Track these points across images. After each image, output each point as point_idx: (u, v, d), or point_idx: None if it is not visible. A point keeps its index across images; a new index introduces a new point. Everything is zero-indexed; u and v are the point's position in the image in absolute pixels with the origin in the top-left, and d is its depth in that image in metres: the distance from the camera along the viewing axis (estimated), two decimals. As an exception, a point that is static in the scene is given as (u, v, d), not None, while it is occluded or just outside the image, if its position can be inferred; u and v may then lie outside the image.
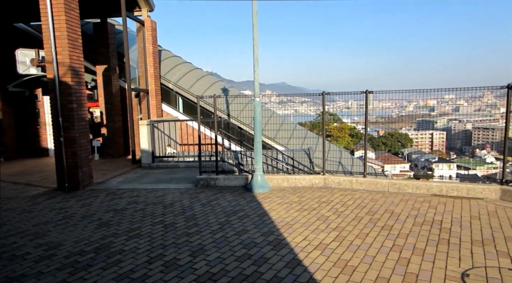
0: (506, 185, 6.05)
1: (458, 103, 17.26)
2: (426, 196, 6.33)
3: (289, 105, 14.60)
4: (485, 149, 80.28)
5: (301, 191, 6.89)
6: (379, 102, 8.14)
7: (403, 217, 5.16)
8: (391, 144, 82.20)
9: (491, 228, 4.62)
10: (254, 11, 6.39)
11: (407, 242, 4.23)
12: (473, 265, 3.59)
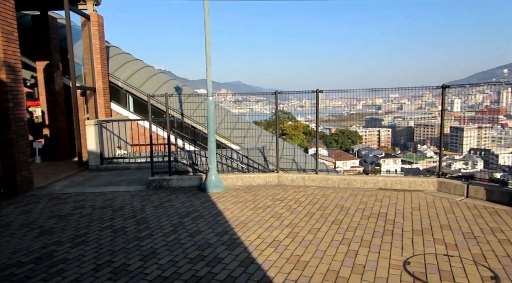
0: (442, 177, 6.57)
1: (402, 102, 18.33)
2: (373, 190, 6.68)
3: (245, 104, 14.66)
4: (425, 145, 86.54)
5: (256, 189, 6.95)
6: (331, 101, 8.43)
7: (352, 211, 5.40)
8: (342, 141, 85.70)
9: (429, 218, 4.99)
10: (206, 9, 6.32)
11: (356, 235, 4.43)
12: (413, 253, 3.84)
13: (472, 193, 5.97)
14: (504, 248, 3.88)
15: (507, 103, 14.59)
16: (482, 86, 12.14)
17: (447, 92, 6.89)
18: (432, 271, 3.41)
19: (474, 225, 4.65)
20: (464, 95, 19.82)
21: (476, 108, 58.03)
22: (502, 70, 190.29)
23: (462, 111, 74.82)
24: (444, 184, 6.37)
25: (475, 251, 3.85)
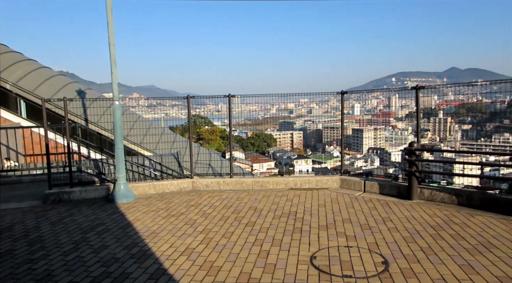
0: (344, 175, 7.22)
1: (311, 106, 19.59)
2: (285, 190, 7.01)
3: (159, 109, 14.12)
4: (332, 145, 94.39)
5: (169, 196, 6.72)
6: (247, 105, 8.62)
7: (265, 212, 5.58)
8: (258, 144, 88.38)
9: (333, 213, 5.43)
10: (109, 7, 5.92)
11: (268, 235, 4.59)
12: (319, 247, 4.13)
13: (368, 188, 6.67)
14: (393, 235, 4.41)
15: (395, 107, 16.48)
16: (376, 92, 13.71)
17: (348, 97, 7.61)
18: (334, 263, 3.70)
19: (369, 217, 5.19)
20: (363, 100, 22.05)
21: (372, 111, 65.31)
22: (391, 78, 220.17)
23: (361, 114, 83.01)
24: (345, 181, 7.00)
25: (370, 240, 4.30)
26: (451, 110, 21.46)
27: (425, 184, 6.20)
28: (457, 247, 3.97)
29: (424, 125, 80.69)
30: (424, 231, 4.52)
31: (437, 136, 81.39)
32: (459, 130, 70.72)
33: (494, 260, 3.60)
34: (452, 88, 11.59)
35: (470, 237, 4.25)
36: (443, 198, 5.75)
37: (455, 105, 17.34)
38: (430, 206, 5.55)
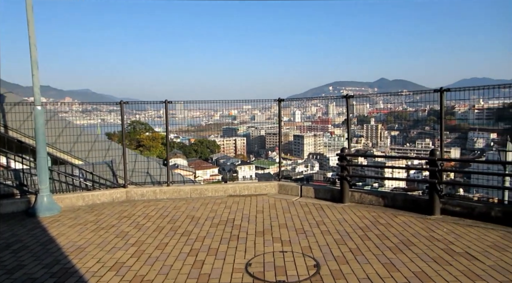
0: (282, 181, 7.38)
1: (254, 112, 19.67)
2: (224, 197, 6.96)
3: (95, 114, 13.24)
4: (275, 151, 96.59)
5: (100, 208, 6.30)
6: (190, 111, 8.43)
7: (202, 220, 5.48)
8: (201, 150, 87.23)
9: (270, 219, 5.50)
10: (29, 4, 5.42)
11: (204, 244, 4.49)
12: (255, 254, 4.14)
13: (305, 192, 6.90)
14: (325, 238, 4.59)
15: (333, 115, 17.32)
16: (315, 99, 14.29)
17: (289, 104, 7.84)
18: (269, 269, 3.73)
19: (304, 221, 5.35)
20: (303, 108, 22.69)
21: (312, 118, 68.21)
22: (328, 87, 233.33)
23: (302, 121, 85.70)
24: (283, 187, 7.16)
25: (304, 244, 4.43)
26: (381, 118, 23.00)
27: (356, 187, 6.58)
28: (382, 246, 4.25)
29: (359, 131, 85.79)
30: (354, 232, 4.78)
31: (370, 142, 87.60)
32: (388, 136, 76.93)
33: (412, 257, 3.91)
34: (382, 97, 12.51)
35: (393, 236, 4.58)
36: (371, 200, 6.15)
37: (385, 113, 18.67)
38: (360, 209, 5.89)
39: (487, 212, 5.01)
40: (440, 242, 4.30)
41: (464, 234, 4.54)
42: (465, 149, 54.40)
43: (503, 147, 21.43)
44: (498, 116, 20.71)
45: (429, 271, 3.54)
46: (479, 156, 37.81)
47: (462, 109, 20.92)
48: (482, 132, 40.56)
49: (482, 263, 3.69)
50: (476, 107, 21.01)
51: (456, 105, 15.74)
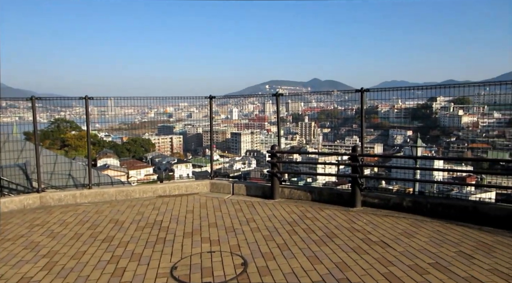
0: (214, 179, 7.29)
1: (190, 110, 19.25)
2: (152, 198, 6.65)
3: (11, 111, 11.76)
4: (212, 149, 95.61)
5: (7, 217, 5.59)
6: (122, 109, 7.89)
7: (127, 224, 5.16)
8: (135, 149, 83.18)
9: (200, 219, 5.38)
10: None
11: (127, 249, 4.22)
12: (182, 256, 4.00)
13: (237, 190, 6.89)
14: (254, 235, 4.61)
15: (269, 112, 17.58)
16: (252, 97, 14.33)
17: (226, 102, 7.75)
18: (195, 271, 3.63)
19: (235, 219, 5.33)
20: (240, 105, 22.74)
21: (249, 116, 68.82)
22: (265, 86, 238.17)
23: (239, 118, 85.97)
24: (215, 185, 7.07)
25: (233, 242, 4.39)
26: (314, 116, 24.13)
27: (285, 183, 6.74)
28: (307, 240, 4.39)
29: (294, 129, 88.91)
30: (282, 228, 4.87)
31: (304, 139, 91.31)
32: (321, 133, 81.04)
33: (335, 248, 4.10)
34: (314, 96, 13.00)
35: (318, 229, 4.76)
36: (300, 195, 6.35)
37: (317, 112, 19.59)
38: (289, 204, 6.05)
39: (400, 203, 5.48)
40: (359, 233, 4.57)
41: (380, 224, 4.89)
42: (387, 145, 59.62)
43: (416, 143, 23.64)
44: (413, 115, 22.74)
45: (348, 261, 3.74)
46: (398, 151, 41.69)
47: (384, 108, 22.74)
48: (400, 129, 44.85)
49: (394, 249, 4.00)
50: (395, 107, 22.96)
51: (379, 105, 17.04)
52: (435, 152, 30.45)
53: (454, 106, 21.10)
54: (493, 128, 32.80)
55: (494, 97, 14.09)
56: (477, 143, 32.90)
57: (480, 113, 26.91)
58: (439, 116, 35.74)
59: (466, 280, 3.28)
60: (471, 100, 18.78)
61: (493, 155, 22.29)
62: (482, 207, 4.91)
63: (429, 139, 32.45)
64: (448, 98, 19.91)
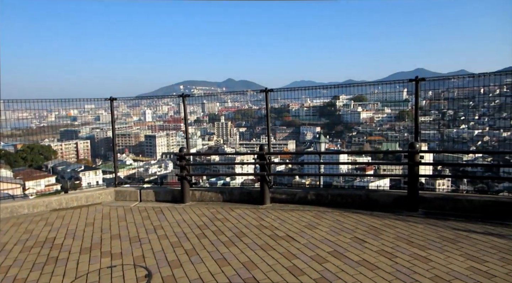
0: (119, 187, 6.78)
1: (98, 112, 17.66)
2: (45, 213, 5.90)
3: None
4: (124, 153, 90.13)
5: None
6: (14, 112, 6.82)
7: (10, 246, 4.47)
8: (32, 158, 73.75)
9: (101, 231, 4.94)
10: None
11: (8, 275, 3.64)
12: (76, 276, 3.60)
13: (145, 196, 6.51)
14: (161, 243, 4.39)
15: (184, 113, 16.93)
16: (167, 98, 13.72)
17: (139, 103, 7.26)
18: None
19: (141, 228, 5.02)
20: (154, 107, 21.67)
21: (163, 117, 66.53)
22: (179, 86, 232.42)
23: (153, 120, 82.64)
24: (120, 193, 6.59)
25: (138, 253, 4.12)
26: (230, 116, 24.28)
27: (196, 186, 6.60)
28: (217, 242, 4.34)
29: (211, 129, 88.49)
30: (191, 232, 4.74)
31: (221, 139, 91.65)
32: (237, 133, 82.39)
33: (243, 248, 4.13)
34: (230, 96, 13.04)
35: (228, 230, 4.75)
36: (212, 197, 6.28)
37: (233, 111, 19.74)
38: (200, 207, 5.93)
39: (305, 196, 5.79)
40: (267, 229, 4.69)
41: (287, 219, 5.09)
42: (299, 142, 63.34)
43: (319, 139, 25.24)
44: (320, 113, 24.43)
45: (255, 259, 3.79)
46: (309, 147, 44.51)
47: (295, 107, 24.00)
48: (310, 126, 47.99)
49: (298, 242, 4.19)
50: (305, 105, 24.30)
51: (290, 103, 17.84)
52: (340, 146, 33.34)
53: (354, 104, 23.41)
54: (385, 122, 37.05)
55: (385, 95, 15.79)
56: (374, 136, 36.83)
57: (375, 109, 30.29)
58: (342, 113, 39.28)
59: (358, 263, 3.58)
60: (367, 98, 20.88)
61: (387, 146, 25.29)
62: (372, 194, 5.47)
63: (335, 134, 35.36)
64: (349, 96, 21.82)
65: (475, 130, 19.44)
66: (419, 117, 12.30)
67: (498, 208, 4.72)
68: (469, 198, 4.90)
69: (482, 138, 19.09)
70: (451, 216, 4.83)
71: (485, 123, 18.67)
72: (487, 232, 4.22)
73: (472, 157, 16.27)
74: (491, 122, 18.42)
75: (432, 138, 15.27)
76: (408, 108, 11.72)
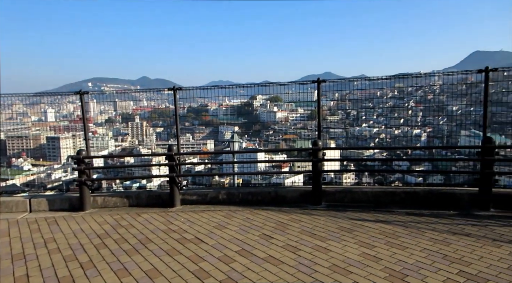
0: (3, 196, 5.87)
1: None
2: None
3: None
4: (21, 157, 79.58)
5: None
6: None
7: None
8: None
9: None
10: None
11: None
12: None
13: (36, 206, 5.75)
14: (52, 259, 3.89)
15: (94, 113, 15.71)
16: (66, 95, 12.28)
17: (39, 101, 6.36)
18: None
19: (28, 243, 4.39)
20: (58, 105, 19.44)
21: (69, 117, 60.50)
22: (87, 83, 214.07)
23: (57, 120, 75.03)
24: (4, 204, 5.70)
25: (20, 273, 3.57)
26: (145, 115, 23.08)
27: (98, 191, 6.06)
28: (118, 251, 4.01)
29: (124, 129, 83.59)
30: (90, 243, 4.30)
31: (136, 139, 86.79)
32: (154, 133, 79.12)
33: (147, 255, 3.88)
34: (145, 94, 12.34)
35: (132, 237, 4.43)
36: (116, 202, 5.82)
37: (149, 111, 18.78)
38: (103, 214, 5.45)
39: (216, 196, 5.73)
40: (175, 233, 4.50)
41: (197, 220, 4.96)
42: (218, 141, 63.46)
43: (242, 137, 25.63)
44: (239, 112, 24.65)
45: (160, 266, 3.59)
46: (228, 146, 44.92)
47: (213, 106, 23.89)
48: (229, 126, 48.40)
49: (206, 244, 4.09)
50: (223, 105, 24.29)
51: (209, 103, 17.64)
52: (258, 145, 34.39)
53: (270, 104, 24.37)
54: (299, 121, 39.26)
55: (298, 95, 16.52)
56: (289, 135, 38.79)
57: (289, 109, 31.92)
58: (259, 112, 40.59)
59: (264, 260, 3.64)
60: (282, 99, 21.72)
61: (300, 144, 26.88)
62: (281, 191, 5.66)
63: (253, 133, 36.34)
64: (265, 96, 22.41)
65: (373, 129, 21.75)
66: (328, 117, 13.11)
67: (386, 198, 5.27)
68: (364, 190, 5.38)
69: (379, 135, 21.43)
70: (350, 207, 5.25)
71: (381, 122, 20.99)
72: (377, 219, 4.68)
73: (372, 152, 18.16)
74: (386, 121, 20.75)
75: (339, 136, 16.59)
76: (315, 108, 12.53)
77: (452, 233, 4.11)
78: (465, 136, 11.15)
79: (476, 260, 3.44)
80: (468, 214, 4.76)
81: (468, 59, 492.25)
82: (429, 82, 9.27)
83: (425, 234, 4.10)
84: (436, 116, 15.40)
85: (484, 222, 4.44)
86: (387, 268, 3.35)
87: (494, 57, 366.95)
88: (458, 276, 3.16)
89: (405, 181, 9.58)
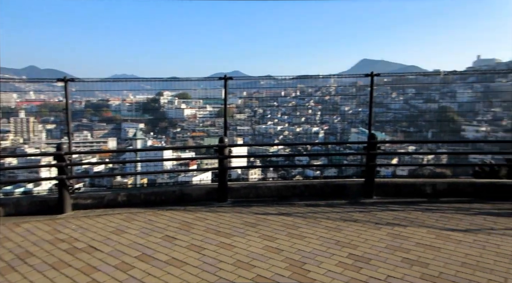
0: None
1: None
2: None
3: None
4: None
5: None
6: None
7: None
8: None
9: None
10: None
11: None
12: None
13: None
14: None
15: None
16: None
17: None
18: None
19: None
20: None
21: None
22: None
23: None
24: None
25: None
26: (33, 110, 20.20)
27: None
28: (-13, 271, 3.38)
29: (4, 126, 72.73)
30: None
31: (21, 137, 75.44)
32: (43, 130, 69.76)
33: (27, 271, 3.35)
34: (32, 86, 10.66)
35: (8, 252, 3.77)
36: (-12, 212, 4.91)
37: (38, 105, 16.40)
38: (-31, 227, 4.54)
39: (115, 199, 5.28)
40: (64, 243, 3.99)
41: (91, 226, 4.49)
42: (120, 139, 59.14)
43: (147, 134, 24.32)
44: (144, 108, 23.31)
45: (43, 282, 3.13)
46: (131, 144, 42.27)
47: (116, 102, 22.10)
48: (132, 122, 45.47)
49: (101, 252, 3.72)
50: (127, 101, 22.70)
51: (110, 98, 16.23)
52: (165, 142, 33.06)
53: (178, 100, 23.63)
54: (207, 119, 39.01)
55: (206, 92, 16.33)
56: (197, 132, 38.25)
57: (198, 106, 31.46)
58: (167, 109, 39.05)
59: (167, 263, 3.46)
60: (191, 96, 21.20)
61: (208, 141, 26.71)
62: (186, 189, 5.50)
63: (159, 131, 34.80)
64: (173, 93, 21.57)
65: (278, 126, 22.86)
66: (236, 115, 13.17)
67: (288, 191, 5.55)
68: (268, 185, 5.57)
69: (283, 133, 22.59)
70: (254, 202, 5.37)
71: (285, 120, 22.15)
72: (280, 212, 4.89)
73: (276, 149, 19.05)
74: (289, 120, 21.94)
75: (246, 133, 16.95)
76: (223, 105, 12.58)
77: (343, 220, 4.53)
78: (355, 133, 12.46)
79: (362, 242, 3.84)
80: (356, 202, 5.31)
81: (358, 65, 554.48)
82: (326, 84, 10.12)
83: (321, 223, 4.43)
84: (332, 115, 16.90)
85: (369, 209, 5.00)
86: (287, 258, 3.50)
87: (377, 65, 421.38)
88: (347, 259, 3.47)
89: (305, 175, 10.27)
